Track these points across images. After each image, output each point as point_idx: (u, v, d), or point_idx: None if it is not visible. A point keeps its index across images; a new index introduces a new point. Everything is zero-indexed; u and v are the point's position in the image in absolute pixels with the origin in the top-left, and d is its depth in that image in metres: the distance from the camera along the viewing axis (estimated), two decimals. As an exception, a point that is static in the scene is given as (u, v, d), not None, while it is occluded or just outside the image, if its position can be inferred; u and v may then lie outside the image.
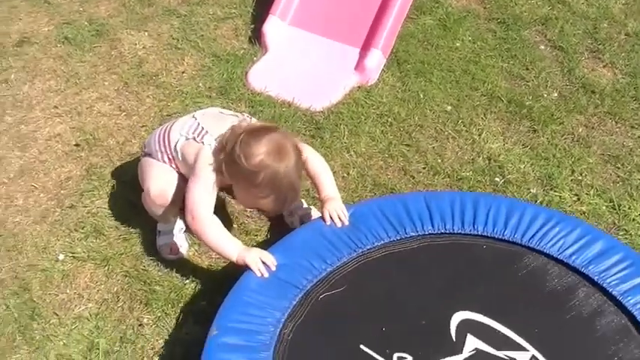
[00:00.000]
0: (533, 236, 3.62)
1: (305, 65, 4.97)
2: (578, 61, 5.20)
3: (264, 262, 3.42)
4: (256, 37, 5.19)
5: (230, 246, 3.50)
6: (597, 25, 5.52)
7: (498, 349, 3.20)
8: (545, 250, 3.57)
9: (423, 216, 3.68)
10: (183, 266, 3.84)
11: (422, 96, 4.83)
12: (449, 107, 4.78)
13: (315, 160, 3.71)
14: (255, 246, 3.75)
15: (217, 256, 3.78)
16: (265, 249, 3.53)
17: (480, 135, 4.60)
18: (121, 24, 5.37)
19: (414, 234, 3.62)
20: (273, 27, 5.13)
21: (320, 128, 4.56)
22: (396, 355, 3.16)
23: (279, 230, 3.92)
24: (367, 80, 4.88)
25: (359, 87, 4.86)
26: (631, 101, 4.93)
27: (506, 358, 3.17)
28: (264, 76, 4.90)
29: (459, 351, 3.19)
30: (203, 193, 3.51)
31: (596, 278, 3.45)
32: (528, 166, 4.44)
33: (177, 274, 3.80)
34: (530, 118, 4.74)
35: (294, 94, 4.72)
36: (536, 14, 5.57)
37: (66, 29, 5.33)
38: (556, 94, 4.94)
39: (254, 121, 3.70)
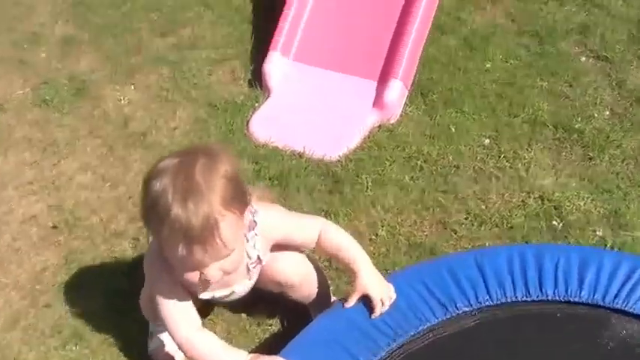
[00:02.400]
0: (617, 294, 2.78)
1: (314, 106, 4.19)
2: (628, 71, 4.40)
3: None
4: (257, 78, 4.39)
5: None
6: (642, 27, 4.66)
7: None
8: (635, 311, 2.74)
9: (476, 283, 2.85)
10: (181, 375, 3.02)
11: (454, 130, 4.05)
12: (486, 140, 4.00)
13: (331, 231, 2.88)
14: (270, 339, 2.92)
15: None
16: (281, 345, 2.72)
17: (527, 170, 3.83)
18: (105, 78, 4.58)
19: (467, 309, 2.79)
20: (274, 65, 4.32)
21: (338, 181, 3.76)
22: None
23: (297, 317, 3.11)
24: (389, 117, 4.11)
25: (380, 126, 4.09)
26: (703, 113, 4.12)
27: None
28: (269, 125, 4.11)
29: None
30: (170, 309, 2.71)
31: None
32: (589, 202, 3.64)
33: (175, 385, 2.96)
34: (583, 144, 3.97)
35: (304, 142, 3.92)
36: (572, 22, 4.74)
37: (43, 90, 4.54)
38: (608, 112, 4.16)
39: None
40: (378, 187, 3.75)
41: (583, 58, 4.50)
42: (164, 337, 3.03)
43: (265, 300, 3.16)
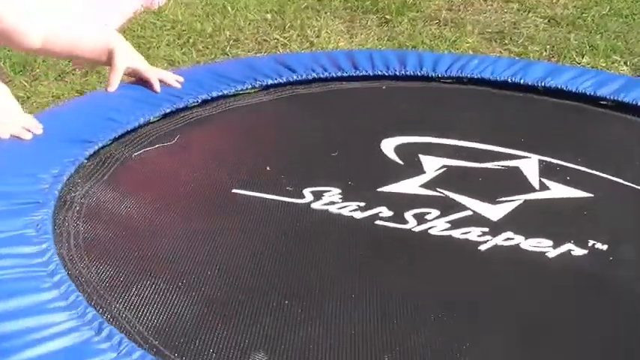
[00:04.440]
0: (448, 69, 2.15)
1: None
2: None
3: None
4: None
5: None
6: None
7: (480, 161, 1.73)
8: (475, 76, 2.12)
9: (280, 69, 2.13)
10: None
11: (230, 8, 3.33)
12: (268, 15, 3.30)
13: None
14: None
15: None
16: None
17: (318, 36, 3.16)
18: None
19: (272, 82, 2.08)
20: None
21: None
22: (308, 190, 1.58)
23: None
24: (152, 1, 3.33)
25: (144, 10, 3.30)
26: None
27: (501, 168, 1.69)
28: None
29: (418, 171, 1.67)
30: None
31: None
32: (394, 54, 3.00)
33: None
34: (377, 11, 3.35)
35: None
36: None
37: None
38: (403, -13, 3.58)
39: None
40: (143, 64, 3.00)
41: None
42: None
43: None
